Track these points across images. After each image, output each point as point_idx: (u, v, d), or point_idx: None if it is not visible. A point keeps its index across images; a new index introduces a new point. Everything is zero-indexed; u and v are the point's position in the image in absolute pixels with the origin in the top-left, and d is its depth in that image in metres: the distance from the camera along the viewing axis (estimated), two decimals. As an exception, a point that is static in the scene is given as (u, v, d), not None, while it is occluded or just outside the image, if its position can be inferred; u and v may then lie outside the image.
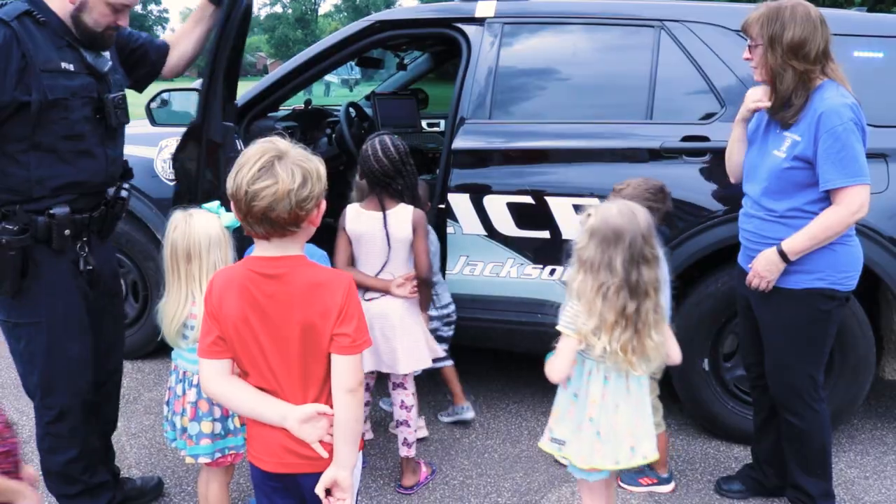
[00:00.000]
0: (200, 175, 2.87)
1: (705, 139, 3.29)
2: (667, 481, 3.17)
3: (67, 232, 2.41)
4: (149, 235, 4.00)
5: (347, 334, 1.77)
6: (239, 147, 3.50)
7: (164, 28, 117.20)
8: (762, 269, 2.64)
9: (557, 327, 2.30)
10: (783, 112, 2.59)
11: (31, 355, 2.43)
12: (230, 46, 2.90)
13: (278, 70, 3.91)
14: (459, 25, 3.69)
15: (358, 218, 2.99)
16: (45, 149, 2.33)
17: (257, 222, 1.73)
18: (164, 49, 2.88)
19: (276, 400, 1.82)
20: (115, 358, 2.82)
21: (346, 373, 1.79)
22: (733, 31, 3.38)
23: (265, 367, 1.82)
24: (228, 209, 2.59)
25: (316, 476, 1.81)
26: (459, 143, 3.48)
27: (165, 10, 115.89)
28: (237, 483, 3.10)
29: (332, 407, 1.81)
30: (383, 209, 2.96)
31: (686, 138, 3.31)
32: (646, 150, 3.33)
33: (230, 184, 1.73)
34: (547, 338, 3.47)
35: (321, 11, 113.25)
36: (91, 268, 2.52)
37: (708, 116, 3.35)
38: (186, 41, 2.94)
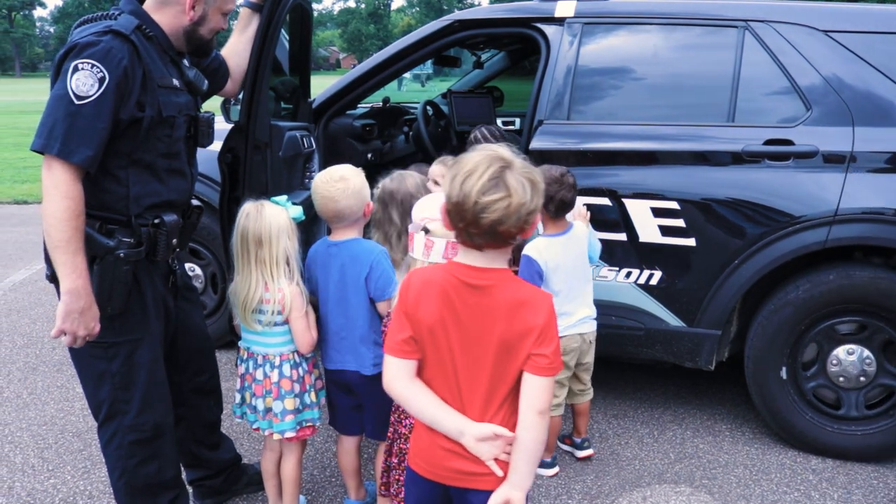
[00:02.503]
0: (246, 174, 2.89)
1: (789, 143, 3.21)
2: (549, 465, 3.24)
3: (175, 241, 2.40)
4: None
5: (546, 355, 1.71)
6: (312, 145, 3.54)
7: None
8: None
9: None
10: None
11: (129, 373, 2.35)
12: (275, 47, 2.88)
13: (357, 69, 3.98)
14: (538, 25, 3.68)
15: None
16: (142, 165, 2.28)
17: (480, 233, 1.66)
18: (227, 70, 2.82)
19: (456, 413, 1.77)
20: (205, 359, 2.83)
21: (540, 393, 1.72)
22: (821, 32, 3.29)
23: (452, 376, 1.77)
24: (296, 203, 2.72)
25: (472, 492, 1.78)
26: (537, 143, 3.48)
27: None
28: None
29: (510, 427, 1.75)
30: None
31: (769, 142, 3.24)
32: (727, 153, 3.27)
33: (454, 191, 1.65)
34: (622, 340, 3.49)
35: (394, 6, 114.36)
36: (175, 279, 2.55)
37: (792, 119, 3.26)
38: (239, 59, 2.87)
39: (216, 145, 3.15)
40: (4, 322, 5.08)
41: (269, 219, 2.57)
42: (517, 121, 5.74)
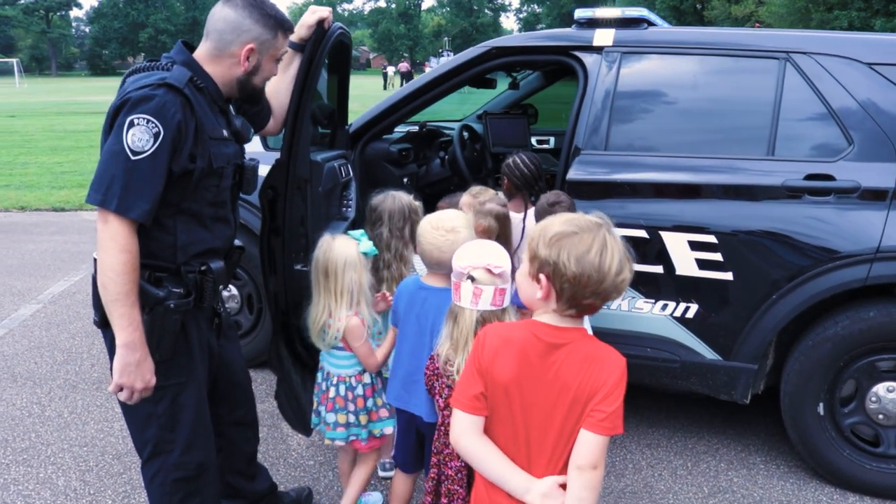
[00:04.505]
0: (286, 210, 2.93)
1: (831, 178, 3.18)
2: None
3: (221, 287, 2.43)
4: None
5: (604, 411, 1.74)
6: (349, 173, 3.56)
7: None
8: None
9: None
10: None
11: (174, 415, 2.39)
12: (315, 86, 2.89)
13: (394, 95, 4.00)
14: (576, 53, 3.68)
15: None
16: (190, 214, 2.31)
17: (598, 305, 1.76)
18: (269, 109, 2.84)
19: (521, 471, 1.80)
20: (244, 393, 2.84)
21: (592, 450, 1.74)
22: (865, 64, 3.25)
23: (521, 433, 1.81)
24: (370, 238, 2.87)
25: None
26: (574, 174, 3.47)
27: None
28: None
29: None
30: (525, 209, 3.56)
31: (810, 176, 3.21)
32: (767, 187, 3.24)
33: (587, 268, 1.70)
34: (657, 371, 3.48)
35: (424, 6, 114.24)
36: (219, 321, 2.57)
37: (834, 154, 3.23)
38: (281, 98, 2.87)
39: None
40: (45, 336, 5.17)
41: (336, 252, 2.77)
42: (552, 139, 5.74)
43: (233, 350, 2.74)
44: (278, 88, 2.85)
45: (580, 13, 3.79)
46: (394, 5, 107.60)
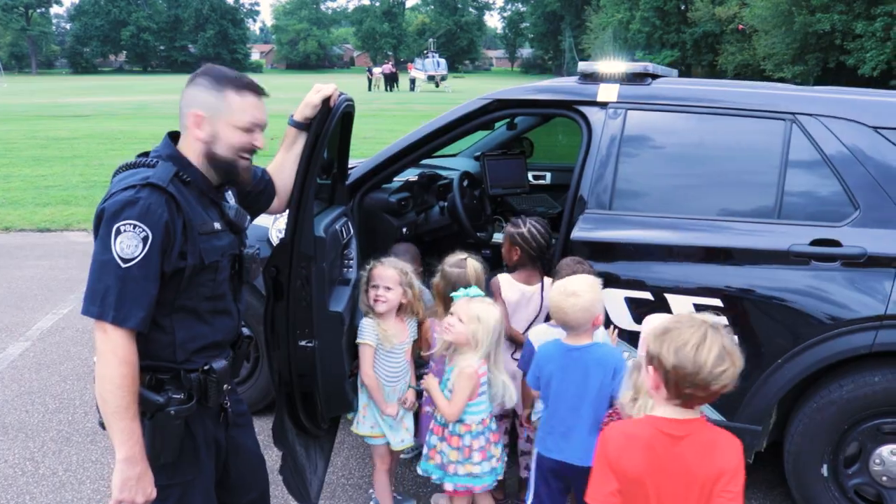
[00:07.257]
0: (291, 288, 2.88)
1: (837, 244, 3.17)
2: None
3: (226, 386, 2.36)
4: (262, 300, 4.07)
5: (732, 491, 1.94)
6: (350, 231, 3.50)
7: (254, 20, 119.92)
8: None
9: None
10: None
11: None
12: (319, 163, 2.83)
13: (393, 145, 3.93)
14: (580, 108, 3.65)
15: (510, 287, 3.55)
16: (186, 311, 2.24)
17: (706, 397, 1.94)
18: (273, 190, 2.75)
19: None
20: (256, 478, 2.74)
21: None
22: (870, 128, 3.25)
23: None
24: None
25: None
26: (578, 233, 3.44)
27: (257, 3, 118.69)
28: None
29: None
30: (542, 279, 3.56)
31: (816, 242, 3.20)
32: (772, 251, 3.23)
33: (684, 361, 1.89)
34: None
35: (408, 4, 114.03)
36: (226, 415, 2.49)
37: (840, 219, 3.22)
38: (285, 177, 2.79)
39: (266, 219, 3.41)
40: (35, 380, 5.05)
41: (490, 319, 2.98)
42: (548, 175, 5.71)
43: (244, 436, 2.65)
44: (283, 167, 2.79)
45: (584, 66, 3.76)
46: (378, 3, 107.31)
